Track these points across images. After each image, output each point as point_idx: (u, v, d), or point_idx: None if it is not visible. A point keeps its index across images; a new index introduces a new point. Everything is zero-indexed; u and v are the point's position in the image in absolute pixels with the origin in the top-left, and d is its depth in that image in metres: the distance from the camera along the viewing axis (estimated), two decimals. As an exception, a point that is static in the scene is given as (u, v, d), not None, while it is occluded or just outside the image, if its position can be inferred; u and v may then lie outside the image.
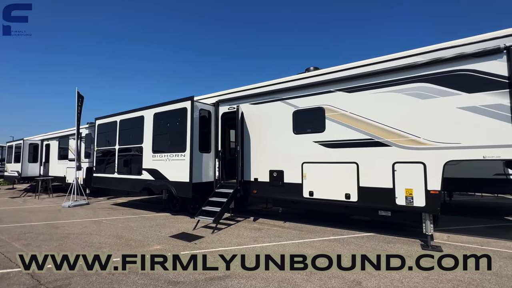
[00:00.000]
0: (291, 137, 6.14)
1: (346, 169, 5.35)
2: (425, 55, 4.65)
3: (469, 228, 5.92)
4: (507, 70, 4.00)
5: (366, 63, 5.23)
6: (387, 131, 4.96)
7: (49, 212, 8.75)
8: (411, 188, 4.67)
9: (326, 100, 5.67)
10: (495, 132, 4.06)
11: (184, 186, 6.93)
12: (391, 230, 5.74)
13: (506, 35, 4.05)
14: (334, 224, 6.34)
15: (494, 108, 4.10)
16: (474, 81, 4.25)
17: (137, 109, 8.67)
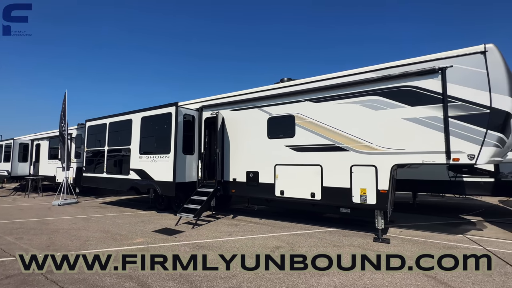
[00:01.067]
0: (266, 141, 6.76)
1: (312, 170, 5.99)
2: (377, 72, 5.33)
3: (423, 224, 6.64)
4: (441, 87, 4.70)
5: (330, 77, 5.89)
6: (346, 137, 5.62)
7: (39, 210, 9.14)
8: (365, 188, 5.34)
9: (296, 109, 6.31)
10: (431, 140, 4.76)
11: (168, 185, 7.47)
12: (352, 226, 6.41)
13: (441, 58, 4.76)
14: (304, 221, 6.98)
15: (430, 119, 4.79)
16: (416, 96, 4.95)
17: (126, 113, 9.17)
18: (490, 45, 4.43)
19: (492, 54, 4.40)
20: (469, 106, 4.49)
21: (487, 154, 4.36)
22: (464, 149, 4.49)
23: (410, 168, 7.74)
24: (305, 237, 5.59)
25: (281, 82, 6.94)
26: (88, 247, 5.02)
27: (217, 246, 5.02)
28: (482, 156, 4.38)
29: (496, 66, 4.36)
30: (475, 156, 4.42)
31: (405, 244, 5.10)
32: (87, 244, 5.25)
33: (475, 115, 4.44)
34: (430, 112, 4.80)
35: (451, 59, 4.68)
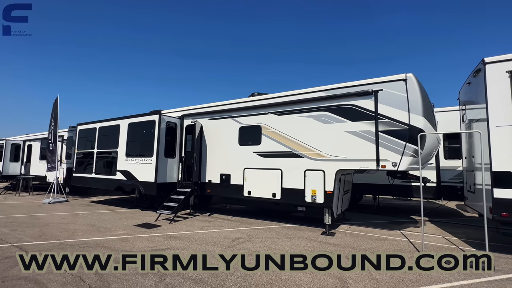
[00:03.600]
0: (237, 147, 7.70)
1: (273, 174, 6.94)
2: (327, 91, 6.35)
3: (372, 222, 7.63)
4: (374, 106, 5.73)
5: (290, 94, 6.89)
6: (301, 146, 6.60)
7: (31, 207, 9.83)
8: (315, 189, 6.31)
9: (262, 120, 7.28)
10: (365, 150, 5.76)
11: (150, 185, 8.32)
12: (310, 223, 7.36)
13: (374, 83, 5.80)
14: (270, 219, 7.90)
15: (366, 133, 5.80)
16: (355, 113, 5.96)
17: (114, 118, 10.00)
18: (410, 74, 5.49)
19: (411, 81, 5.45)
20: (394, 122, 5.52)
21: (406, 162, 5.39)
22: (389, 158, 5.51)
23: (369, 174, 8.78)
24: (265, 231, 6.51)
25: (252, 96, 7.91)
26: (75, 237, 5.83)
27: (186, 237, 5.90)
28: (402, 163, 5.40)
29: (413, 91, 5.41)
30: (397, 163, 5.44)
31: (347, 237, 6.06)
32: (74, 234, 6.06)
33: (398, 130, 5.47)
34: (365, 126, 5.82)
35: (382, 84, 5.72)
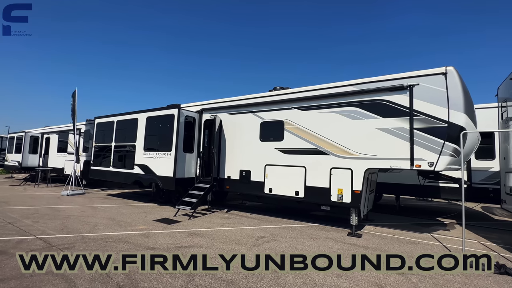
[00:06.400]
0: (258, 143, 7.47)
1: (297, 171, 6.69)
2: (356, 86, 6.02)
3: (397, 224, 7.30)
4: (409, 102, 5.37)
5: (316, 88, 6.59)
6: (327, 142, 6.31)
7: (50, 199, 9.94)
8: (342, 188, 6.03)
9: (285, 115, 7.01)
10: (398, 148, 5.43)
11: (169, 180, 8.22)
12: (334, 222, 7.10)
13: (409, 77, 5.43)
14: (291, 217, 7.68)
15: (399, 130, 5.47)
16: (387, 109, 5.62)
17: (132, 112, 9.93)
18: (450, 67, 5.09)
19: (451, 75, 5.06)
20: (431, 120, 5.16)
21: (444, 162, 5.03)
22: (425, 157, 5.16)
23: (392, 173, 8.41)
24: (287, 230, 6.30)
25: (274, 90, 7.64)
26: (97, 231, 5.77)
27: (209, 234, 5.75)
28: (440, 163, 5.05)
29: (454, 86, 5.03)
30: (434, 163, 5.09)
31: (375, 239, 5.78)
32: (96, 228, 6.01)
33: (435, 128, 5.11)
34: (398, 123, 5.48)
35: (418, 78, 5.35)
